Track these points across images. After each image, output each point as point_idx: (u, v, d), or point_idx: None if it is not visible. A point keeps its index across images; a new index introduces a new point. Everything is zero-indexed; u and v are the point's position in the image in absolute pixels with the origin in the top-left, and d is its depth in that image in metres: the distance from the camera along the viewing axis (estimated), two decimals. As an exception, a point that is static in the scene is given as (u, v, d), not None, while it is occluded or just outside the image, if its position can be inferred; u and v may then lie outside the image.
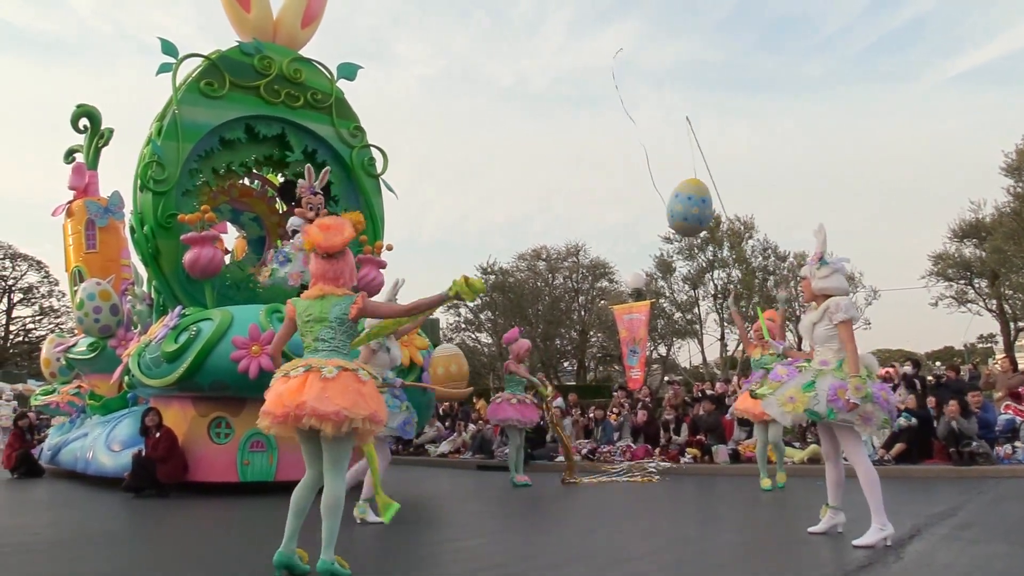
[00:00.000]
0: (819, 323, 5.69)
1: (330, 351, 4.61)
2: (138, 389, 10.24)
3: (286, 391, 4.43)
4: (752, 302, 35.79)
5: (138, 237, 10.22)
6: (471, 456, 15.59)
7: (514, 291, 39.61)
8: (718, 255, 37.01)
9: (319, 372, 4.45)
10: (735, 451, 12.41)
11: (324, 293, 4.74)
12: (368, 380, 4.59)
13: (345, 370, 4.50)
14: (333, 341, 4.65)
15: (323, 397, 4.36)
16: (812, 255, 5.87)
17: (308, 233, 4.82)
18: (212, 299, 9.83)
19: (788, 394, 5.58)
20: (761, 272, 36.56)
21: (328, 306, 4.70)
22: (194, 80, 10.35)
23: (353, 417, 4.37)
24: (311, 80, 11.19)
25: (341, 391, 4.40)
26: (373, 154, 11.64)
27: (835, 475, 5.89)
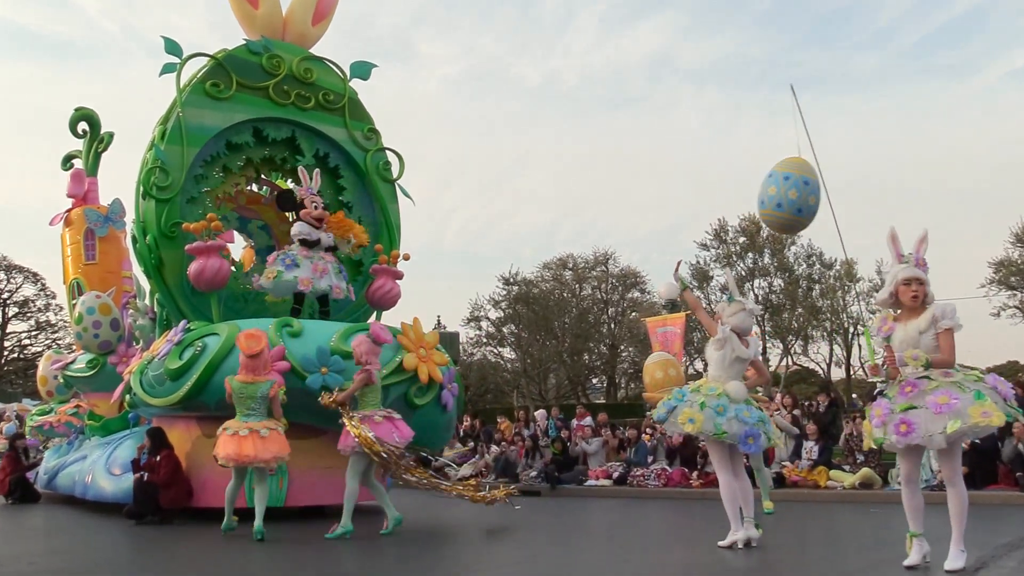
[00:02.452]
0: (927, 331, 5.54)
1: (258, 416, 8.13)
2: (140, 409, 10.34)
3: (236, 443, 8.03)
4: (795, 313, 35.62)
5: (140, 247, 10.33)
6: (494, 479, 15.57)
7: (539, 303, 39.59)
8: (759, 263, 36.86)
9: (258, 432, 8.00)
10: (779, 474, 12.31)
11: (253, 380, 8.14)
12: (283, 431, 8.17)
13: (273, 430, 8.10)
14: (259, 410, 8.15)
15: (264, 448, 7.99)
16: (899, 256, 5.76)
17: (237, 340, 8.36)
18: (218, 312, 9.92)
19: (982, 409, 5.31)
20: (805, 281, 36.31)
21: (255, 389, 8.12)
22: (199, 81, 10.47)
23: (282, 456, 8.12)
24: (323, 80, 11.29)
25: (273, 443, 8.07)
26: (389, 158, 11.72)
27: (917, 500, 5.71)
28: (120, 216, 14.79)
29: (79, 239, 14.66)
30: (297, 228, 10.30)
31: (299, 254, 10.09)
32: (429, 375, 9.64)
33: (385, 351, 9.43)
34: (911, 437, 5.36)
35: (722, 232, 37.93)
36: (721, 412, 6.84)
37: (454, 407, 10.33)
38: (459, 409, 11.18)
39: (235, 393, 8.16)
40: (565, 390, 42.39)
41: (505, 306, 40.30)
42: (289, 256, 10.09)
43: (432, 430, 10.22)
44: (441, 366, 9.91)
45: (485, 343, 41.83)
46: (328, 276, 10.17)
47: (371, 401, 8.14)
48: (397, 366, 9.44)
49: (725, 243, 37.80)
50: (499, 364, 42.57)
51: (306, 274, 10.00)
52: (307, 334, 9.17)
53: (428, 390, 9.72)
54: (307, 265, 10.06)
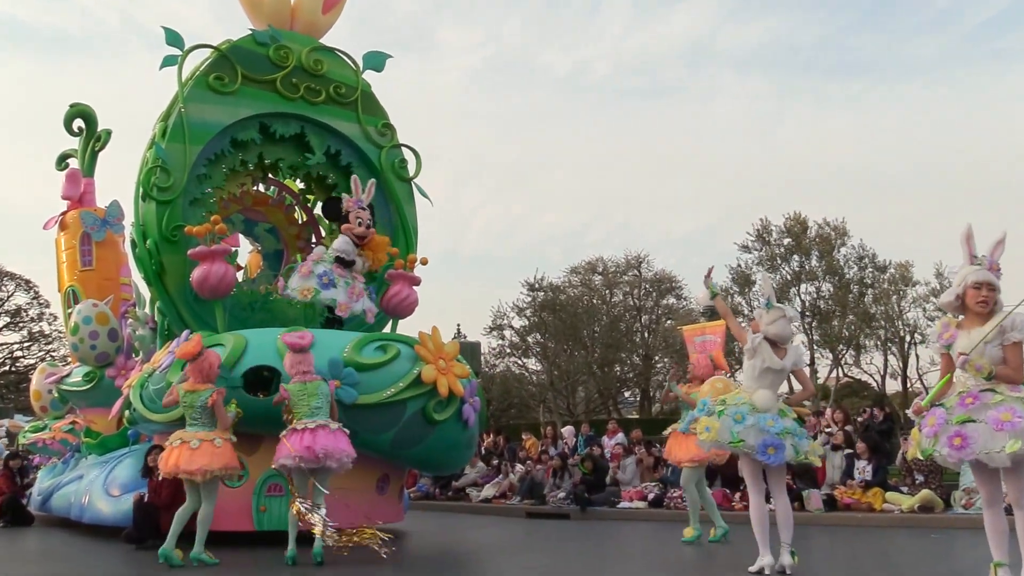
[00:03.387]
0: (993, 342, 5.47)
1: (198, 426, 8.30)
2: (140, 425, 10.42)
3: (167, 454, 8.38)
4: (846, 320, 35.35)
5: (140, 252, 10.43)
6: (519, 501, 15.57)
7: (566, 310, 39.54)
8: (805, 266, 36.59)
9: (188, 444, 8.23)
10: (830, 496, 12.22)
11: (195, 389, 8.32)
12: (221, 445, 8.23)
13: (204, 441, 8.23)
14: (200, 420, 8.32)
15: (191, 460, 8.17)
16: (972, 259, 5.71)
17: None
18: (223, 322, 9.99)
19: None
20: (857, 285, 36.03)
21: (196, 398, 8.30)
22: (202, 74, 10.57)
23: (211, 470, 8.14)
24: (334, 72, 11.37)
25: (202, 454, 8.18)
26: (405, 155, 11.78)
27: (1000, 523, 5.58)
28: (118, 219, 14.92)
29: (75, 244, 14.79)
30: (338, 244, 10.40)
31: (336, 273, 10.16)
32: (449, 388, 9.65)
33: (402, 363, 9.48)
34: (964, 452, 5.30)
35: (765, 233, 37.71)
36: (740, 420, 6.85)
37: (476, 423, 10.34)
38: (481, 425, 11.21)
39: (180, 402, 8.48)
40: (595, 404, 42.29)
41: (530, 314, 40.26)
42: (327, 273, 10.13)
43: (452, 448, 10.24)
44: (462, 379, 9.92)
45: (508, 354, 41.81)
46: (363, 300, 10.33)
47: (302, 410, 8.17)
48: (415, 379, 9.46)
49: (768, 245, 37.57)
50: (523, 376, 42.52)
51: (344, 298, 10.13)
52: (318, 345, 9.16)
53: (448, 405, 9.74)
54: (343, 287, 10.17)
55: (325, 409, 8.24)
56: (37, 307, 44.32)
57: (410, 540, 10.88)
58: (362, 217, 10.42)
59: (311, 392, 8.21)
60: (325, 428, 8.09)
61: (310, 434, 8.00)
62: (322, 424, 8.09)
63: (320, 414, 8.16)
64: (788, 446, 6.82)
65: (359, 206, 10.48)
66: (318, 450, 7.92)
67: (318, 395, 8.23)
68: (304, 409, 8.16)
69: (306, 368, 8.33)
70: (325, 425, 8.11)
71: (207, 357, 8.48)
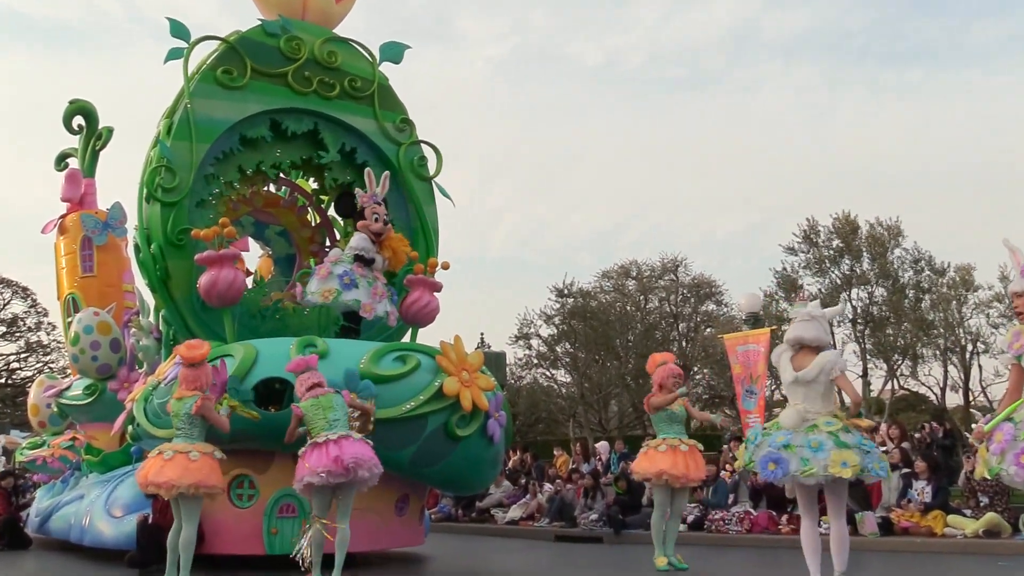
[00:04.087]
0: None
1: (181, 437, 8.32)
2: (144, 441, 10.46)
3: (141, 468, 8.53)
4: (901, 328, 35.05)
5: (144, 257, 10.50)
6: (548, 523, 15.55)
7: (598, 317, 39.47)
8: (856, 269, 36.31)
9: (161, 455, 8.25)
10: (886, 519, 12.11)
11: (182, 396, 8.33)
12: (197, 458, 8.17)
13: (178, 453, 8.19)
14: (185, 429, 8.32)
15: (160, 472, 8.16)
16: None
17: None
18: (232, 331, 10.05)
19: None
20: (913, 290, 35.72)
21: (182, 405, 8.30)
22: (209, 68, 10.65)
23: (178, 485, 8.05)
24: (348, 64, 11.42)
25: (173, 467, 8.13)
26: (425, 152, 11.82)
27: None
28: (121, 222, 15.04)
29: (75, 248, 14.93)
30: (356, 241, 10.44)
31: (356, 272, 10.17)
32: (473, 402, 9.66)
33: (423, 375, 9.51)
34: None
35: (812, 233, 37.45)
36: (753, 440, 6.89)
37: (501, 439, 10.35)
38: (507, 441, 11.20)
39: (171, 411, 8.55)
40: (629, 419, 42.13)
41: (559, 322, 40.22)
42: (347, 273, 10.12)
43: (476, 465, 10.25)
44: (486, 391, 9.93)
45: (536, 364, 41.79)
46: (385, 301, 10.32)
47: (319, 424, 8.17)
48: (436, 392, 9.49)
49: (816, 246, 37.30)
50: (552, 389, 42.48)
51: (367, 298, 10.12)
52: (334, 355, 9.25)
53: (472, 419, 9.75)
54: (365, 287, 10.16)
55: (344, 420, 8.25)
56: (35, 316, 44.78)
57: (431, 565, 10.91)
58: (378, 213, 10.45)
59: (326, 405, 8.23)
60: (348, 438, 8.08)
61: (334, 445, 7.96)
62: (344, 435, 8.09)
63: (339, 426, 8.16)
64: (790, 460, 6.76)
65: (375, 201, 10.50)
66: (347, 460, 7.86)
67: (334, 407, 8.24)
68: (321, 423, 8.15)
69: (316, 381, 8.37)
70: (348, 435, 8.11)
71: (205, 368, 8.53)
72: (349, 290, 10.02)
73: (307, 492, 8.19)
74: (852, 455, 6.68)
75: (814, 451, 6.77)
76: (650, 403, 9.81)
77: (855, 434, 6.89)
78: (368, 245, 10.38)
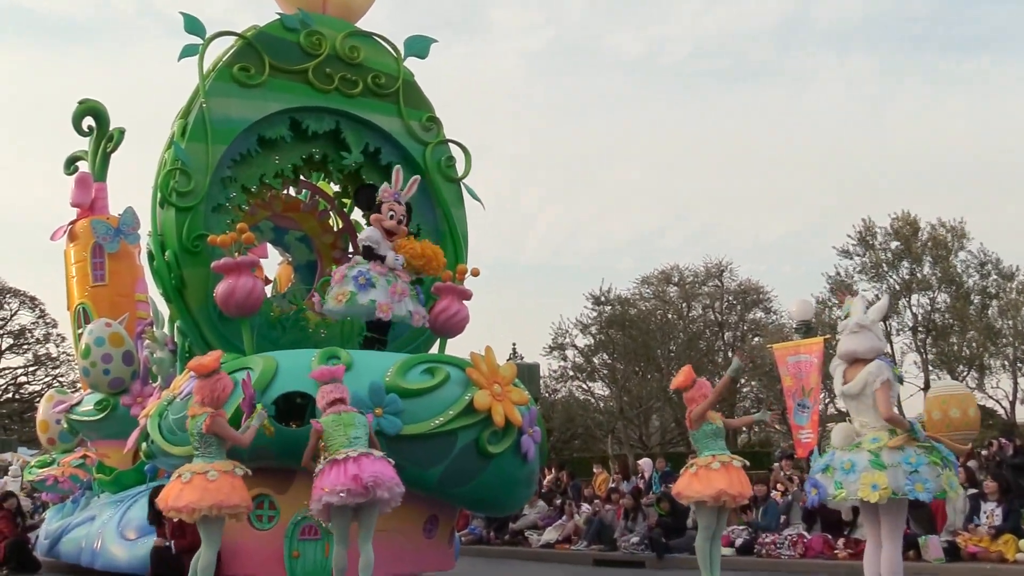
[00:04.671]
0: None
1: (199, 457, 8.32)
2: (158, 459, 10.54)
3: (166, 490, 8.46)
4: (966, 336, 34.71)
5: (158, 265, 10.58)
6: (586, 546, 15.53)
7: (637, 326, 39.42)
8: (917, 274, 36.05)
9: (180, 478, 8.28)
10: (952, 543, 11.99)
11: (194, 413, 8.37)
12: (216, 478, 8.15)
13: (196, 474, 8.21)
14: (201, 449, 8.32)
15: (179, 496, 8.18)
16: None
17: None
18: (251, 342, 10.10)
19: None
20: (979, 296, 35.38)
21: (194, 423, 8.34)
22: (225, 65, 10.73)
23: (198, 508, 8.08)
24: (372, 60, 11.48)
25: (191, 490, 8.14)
26: (453, 152, 11.86)
27: None
28: (133, 228, 15.18)
29: (85, 256, 15.07)
30: (367, 232, 10.46)
31: (373, 271, 10.14)
32: (505, 417, 9.66)
33: (453, 388, 9.53)
34: None
35: (869, 235, 37.27)
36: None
37: (536, 456, 10.33)
38: (542, 459, 11.19)
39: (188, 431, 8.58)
40: (672, 435, 42.02)
41: (596, 331, 40.22)
42: (362, 273, 10.08)
43: (509, 485, 10.25)
44: (520, 406, 9.93)
45: (572, 377, 41.80)
46: (406, 301, 10.24)
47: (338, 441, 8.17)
48: (466, 406, 9.49)
49: (872, 249, 37.12)
50: (589, 403, 42.44)
51: (384, 298, 10.05)
52: (358, 368, 9.27)
53: (504, 435, 9.75)
54: (383, 285, 10.09)
55: (364, 439, 8.27)
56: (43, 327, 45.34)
57: (462, 591, 10.91)
58: (395, 210, 10.41)
59: (347, 423, 8.26)
60: (369, 456, 8.11)
61: (353, 463, 7.98)
62: (364, 452, 8.12)
63: (359, 444, 8.19)
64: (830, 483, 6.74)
65: (395, 199, 10.50)
66: (367, 478, 7.87)
67: (355, 424, 8.27)
68: (341, 439, 8.16)
69: (339, 396, 8.42)
70: (368, 453, 8.14)
71: (221, 379, 8.58)
72: (365, 290, 9.97)
73: (324, 514, 8.21)
74: (883, 477, 6.60)
75: (846, 473, 6.77)
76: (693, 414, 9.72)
77: (907, 451, 6.84)
78: (378, 238, 10.34)
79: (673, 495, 10.44)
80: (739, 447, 39.80)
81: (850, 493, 6.63)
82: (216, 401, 8.42)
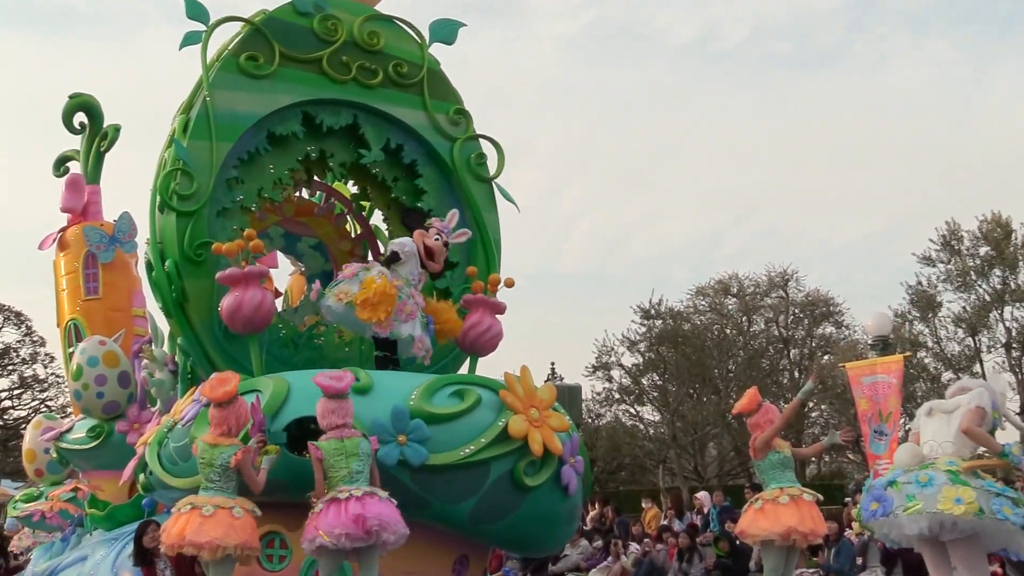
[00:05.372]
0: None
1: (215, 491, 8.47)
2: (158, 493, 10.60)
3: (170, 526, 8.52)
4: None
5: (157, 276, 10.64)
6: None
7: (692, 343, 39.30)
8: (1010, 282, 35.70)
9: (199, 510, 8.33)
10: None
11: (216, 443, 8.53)
12: (241, 516, 8.40)
13: (221, 508, 8.34)
14: (219, 483, 8.47)
15: (200, 530, 8.20)
16: None
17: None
18: (260, 362, 10.16)
19: None
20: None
21: (217, 454, 8.47)
22: (231, 54, 10.81)
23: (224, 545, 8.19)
24: (393, 47, 11.54)
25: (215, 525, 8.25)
26: (484, 148, 11.91)
27: None
28: (130, 235, 15.27)
29: (77, 267, 15.15)
30: (403, 240, 10.49)
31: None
32: (544, 445, 9.66)
33: (485, 413, 9.54)
34: None
35: (954, 239, 37.01)
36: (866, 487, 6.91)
37: (578, 489, 10.32)
38: (585, 492, 11.18)
39: (198, 457, 8.67)
40: (731, 465, 41.86)
41: (645, 348, 40.16)
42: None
43: (549, 521, 10.25)
44: (560, 432, 9.93)
45: (618, 400, 41.75)
46: (413, 324, 10.18)
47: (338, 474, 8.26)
48: (500, 433, 9.49)
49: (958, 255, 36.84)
50: (637, 429, 42.34)
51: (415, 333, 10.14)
52: (378, 390, 9.30)
53: (543, 466, 9.75)
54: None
55: (366, 473, 8.40)
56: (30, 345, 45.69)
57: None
58: (443, 233, 10.50)
59: (350, 451, 8.35)
60: (374, 496, 8.22)
61: (356, 502, 8.08)
62: (369, 492, 8.23)
63: (361, 479, 8.31)
64: (898, 496, 6.69)
65: (446, 232, 10.58)
66: (370, 521, 7.97)
67: (358, 455, 8.37)
68: (342, 472, 8.28)
69: (342, 420, 8.47)
70: (373, 493, 8.25)
71: (240, 404, 8.66)
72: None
73: (317, 554, 8.34)
74: (969, 491, 6.55)
75: (922, 486, 6.69)
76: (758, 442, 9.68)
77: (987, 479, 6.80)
78: (413, 250, 10.40)
79: (734, 534, 10.39)
80: (808, 479, 39.57)
81: (927, 506, 6.57)
82: (238, 429, 8.59)
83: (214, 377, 9.02)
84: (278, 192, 11.30)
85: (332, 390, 8.54)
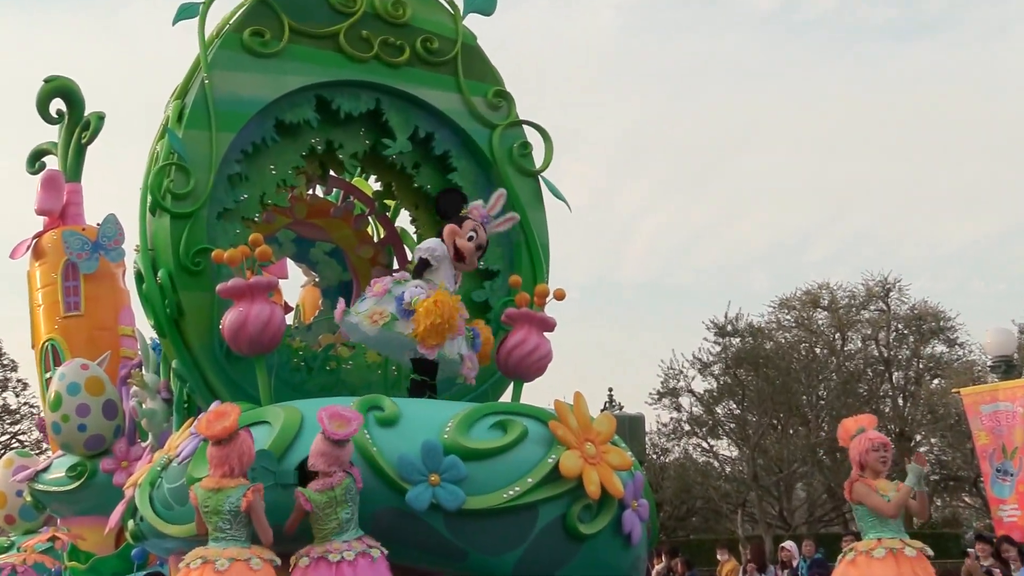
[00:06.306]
0: None
1: (227, 541, 8.35)
2: (149, 542, 10.63)
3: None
4: None
5: (148, 289, 10.62)
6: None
7: (775, 364, 39.13)
8: None
9: (212, 564, 8.17)
10: None
11: (220, 486, 8.40)
12: (260, 568, 8.26)
13: (236, 561, 8.20)
14: (230, 531, 8.37)
15: None
16: None
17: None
18: (267, 388, 10.15)
19: None
20: None
21: (222, 499, 8.34)
22: (233, 29, 10.83)
23: None
24: (421, 19, 11.55)
25: None
26: (528, 137, 11.88)
27: None
28: (116, 242, 15.38)
29: (55, 278, 15.25)
30: (430, 243, 10.37)
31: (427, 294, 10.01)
32: (602, 486, 9.64)
33: (532, 448, 9.50)
34: None
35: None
36: None
37: (642, 538, 10.28)
38: (650, 542, 11.13)
39: (200, 506, 8.54)
40: (823, 510, 41.60)
41: (720, 371, 40.02)
42: (414, 294, 9.97)
43: (608, 574, 10.23)
44: (620, 471, 9.88)
45: (688, 432, 41.62)
46: (460, 341, 10.11)
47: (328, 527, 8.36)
48: (550, 471, 9.44)
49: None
50: (711, 467, 42.20)
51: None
52: (408, 422, 9.27)
53: (601, 511, 9.71)
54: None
55: (355, 518, 8.47)
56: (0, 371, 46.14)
57: None
58: (478, 234, 10.40)
59: (340, 499, 8.42)
60: (367, 557, 8.30)
61: (348, 568, 8.20)
62: (361, 552, 8.31)
63: (351, 526, 8.42)
64: None
65: (484, 222, 10.55)
66: None
67: (347, 503, 8.44)
68: (331, 525, 8.40)
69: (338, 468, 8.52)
70: (367, 553, 8.33)
71: (243, 440, 8.69)
72: (409, 317, 9.91)
73: None
74: None
75: None
76: (853, 490, 9.63)
77: None
78: (443, 254, 10.32)
79: None
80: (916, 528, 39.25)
81: None
82: (242, 469, 8.54)
83: (211, 410, 8.93)
84: (283, 196, 11.28)
85: (336, 437, 8.53)
